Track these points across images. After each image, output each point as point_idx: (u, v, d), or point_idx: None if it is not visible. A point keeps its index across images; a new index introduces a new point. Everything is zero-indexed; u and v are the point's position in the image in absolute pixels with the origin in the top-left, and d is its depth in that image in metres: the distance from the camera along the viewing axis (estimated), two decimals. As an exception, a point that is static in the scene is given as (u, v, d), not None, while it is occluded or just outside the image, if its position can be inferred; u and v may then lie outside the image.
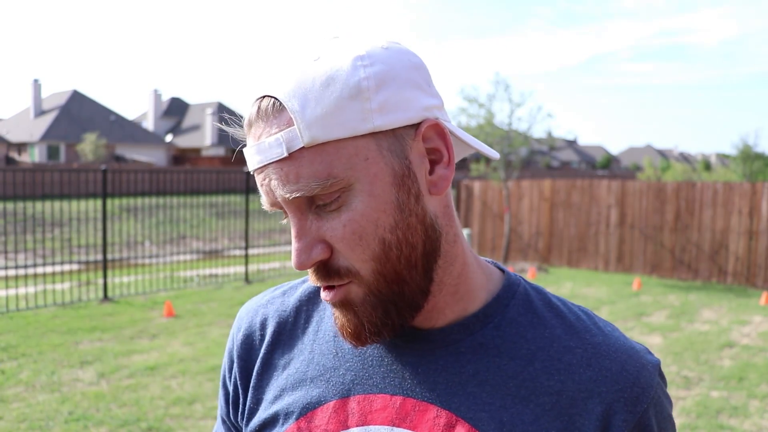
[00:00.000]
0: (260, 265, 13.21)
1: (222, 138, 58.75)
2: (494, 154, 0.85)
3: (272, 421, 0.86)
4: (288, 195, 0.72)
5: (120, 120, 55.45)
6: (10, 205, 13.88)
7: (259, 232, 15.93)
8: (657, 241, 13.20)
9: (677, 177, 34.19)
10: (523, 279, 0.88)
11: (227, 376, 0.95)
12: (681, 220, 12.91)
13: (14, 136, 51.75)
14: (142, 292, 10.34)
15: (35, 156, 50.45)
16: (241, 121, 0.79)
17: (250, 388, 0.90)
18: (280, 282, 11.68)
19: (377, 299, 0.76)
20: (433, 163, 0.77)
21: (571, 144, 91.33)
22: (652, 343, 7.85)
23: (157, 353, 7.03)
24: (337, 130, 0.71)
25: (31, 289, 9.88)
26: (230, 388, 0.94)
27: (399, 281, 0.76)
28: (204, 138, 59.29)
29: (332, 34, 0.79)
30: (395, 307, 0.76)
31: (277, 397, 0.87)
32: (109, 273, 10.49)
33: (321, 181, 0.71)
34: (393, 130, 0.74)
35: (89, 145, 45.87)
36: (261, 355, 0.91)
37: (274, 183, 0.73)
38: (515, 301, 0.84)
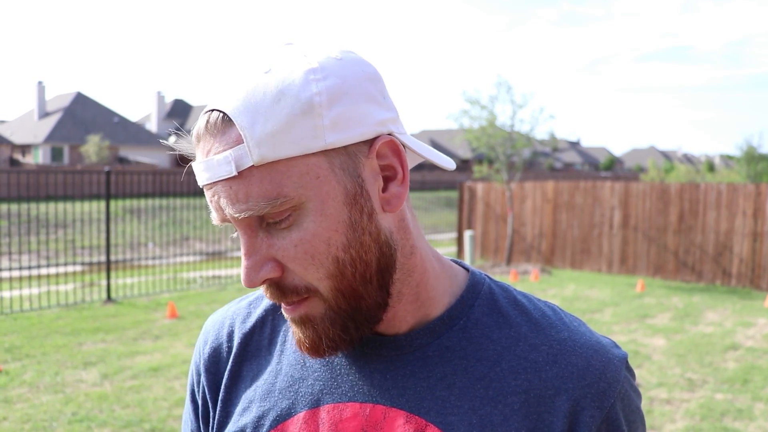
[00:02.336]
0: (263, 267, 13.21)
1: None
2: (449, 164, 0.84)
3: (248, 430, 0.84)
4: (237, 215, 0.70)
5: (123, 122, 55.55)
6: (14, 207, 13.91)
7: (262, 234, 15.92)
8: (660, 243, 13.18)
9: (681, 178, 34.14)
10: (488, 277, 0.87)
11: (195, 390, 0.93)
12: (685, 221, 12.88)
13: (18, 138, 51.87)
14: (146, 294, 10.35)
15: (39, 157, 50.56)
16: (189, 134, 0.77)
17: (219, 402, 0.88)
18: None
19: (336, 315, 0.75)
20: (387, 180, 0.75)
21: (574, 145, 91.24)
22: (656, 345, 7.83)
23: (160, 354, 7.03)
24: (288, 148, 0.69)
25: (34, 291, 9.89)
26: (199, 402, 0.92)
27: (356, 297, 0.75)
28: (207, 140, 59.34)
29: (285, 40, 0.77)
30: (353, 322, 0.76)
31: (245, 409, 0.85)
32: (113, 274, 10.50)
33: (270, 200, 0.69)
34: (345, 147, 0.72)
35: (93, 147, 45.95)
36: (229, 367, 0.89)
37: (222, 201, 0.71)
38: (480, 302, 0.83)
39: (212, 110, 0.73)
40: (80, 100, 55.18)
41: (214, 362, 0.91)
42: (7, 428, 5.04)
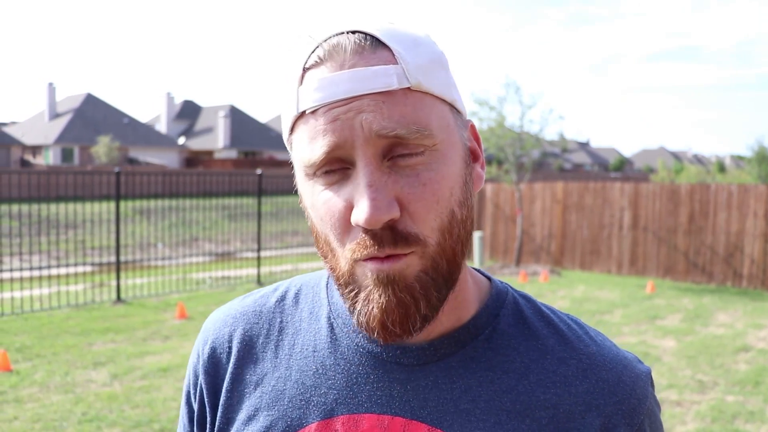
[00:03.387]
0: (272, 268, 13.24)
1: (235, 140, 58.99)
2: None
3: None
4: (385, 131, 0.65)
5: (133, 123, 55.79)
6: (24, 207, 13.99)
7: (271, 235, 15.97)
8: (670, 244, 13.11)
9: (691, 179, 33.98)
10: (510, 287, 0.83)
11: (192, 392, 0.86)
12: (695, 222, 12.81)
13: (29, 139, 52.19)
14: (155, 294, 10.38)
15: (50, 158, 50.85)
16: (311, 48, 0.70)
17: (220, 407, 0.81)
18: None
19: (435, 278, 0.69)
20: (473, 162, 0.76)
21: (584, 146, 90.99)
22: (666, 346, 7.79)
23: (169, 355, 7.05)
24: (435, 86, 0.68)
25: (45, 291, 9.95)
26: (195, 407, 0.85)
27: (454, 263, 0.70)
28: (216, 140, 59.51)
29: (307, 33, 0.73)
30: (446, 291, 0.70)
31: (251, 417, 0.79)
32: (122, 275, 10.54)
33: (420, 127, 0.66)
34: (460, 112, 0.73)
35: (103, 148, 46.17)
36: (230, 370, 0.82)
37: (367, 117, 0.65)
38: (505, 311, 0.79)
39: (350, 31, 0.68)
40: (90, 101, 55.46)
41: (214, 364, 0.84)
42: (18, 428, 5.07)
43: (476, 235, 14.15)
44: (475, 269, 0.84)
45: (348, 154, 0.66)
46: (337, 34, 0.68)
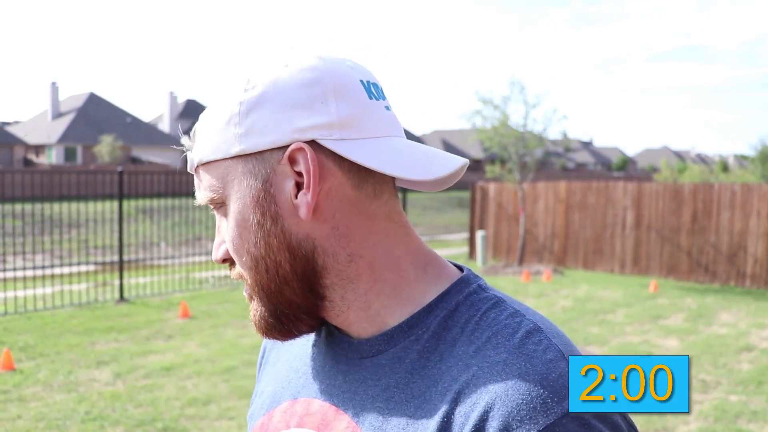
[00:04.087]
0: (275, 267, 13.22)
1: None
2: (420, 174, 0.78)
3: (253, 414, 0.94)
4: (197, 202, 0.85)
5: (136, 122, 55.85)
6: (28, 207, 14.02)
7: (273, 234, 15.96)
8: (674, 243, 13.09)
9: (694, 178, 33.91)
10: (479, 286, 0.80)
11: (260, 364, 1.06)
12: (698, 222, 12.79)
13: (32, 138, 52.27)
14: (158, 293, 10.39)
15: (53, 158, 50.93)
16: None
17: (259, 379, 1.01)
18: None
19: (263, 302, 0.82)
20: (299, 187, 0.76)
21: (587, 145, 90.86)
22: (669, 346, 7.79)
23: (172, 354, 7.06)
24: (212, 154, 0.80)
25: (48, 290, 9.96)
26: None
27: (273, 293, 0.81)
28: (219, 140, 59.52)
29: (291, 44, 0.87)
30: (277, 316, 0.82)
31: (261, 392, 0.95)
32: (126, 274, 10.56)
33: (206, 194, 0.82)
34: (260, 153, 0.78)
35: (106, 147, 46.22)
36: (267, 355, 1.01)
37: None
38: (445, 313, 0.77)
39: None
40: (93, 100, 55.53)
41: (262, 351, 1.03)
42: (22, 426, 5.08)
43: (479, 235, 14.15)
44: (456, 264, 0.84)
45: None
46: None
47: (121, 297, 9.88)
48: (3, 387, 5.92)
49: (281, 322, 0.82)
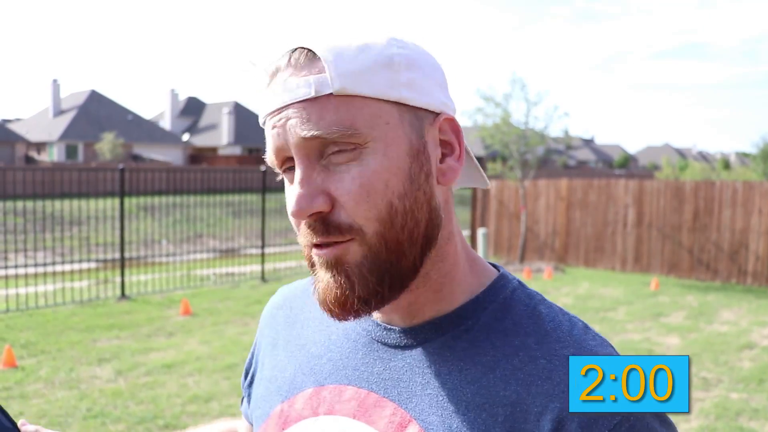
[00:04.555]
0: (276, 264, 13.25)
1: (239, 137, 59.04)
2: (484, 184, 0.89)
3: (263, 397, 0.91)
4: (306, 133, 0.72)
5: (137, 119, 55.84)
6: (29, 204, 14.03)
7: (275, 231, 15.99)
8: (675, 241, 13.09)
9: (696, 176, 33.87)
10: (520, 283, 0.84)
11: (253, 347, 1.03)
12: (700, 219, 12.78)
13: (33, 136, 52.27)
14: (159, 291, 10.40)
15: (54, 155, 50.93)
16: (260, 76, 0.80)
17: (256, 363, 0.98)
18: (295, 281, 11.71)
19: (374, 264, 0.74)
20: (444, 155, 0.79)
21: (588, 143, 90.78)
22: (670, 343, 7.78)
23: (174, 351, 7.07)
24: (366, 88, 0.73)
25: (50, 287, 9.97)
26: (249, 357, 1.02)
27: (399, 252, 0.74)
28: (221, 137, 59.55)
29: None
30: (389, 278, 0.75)
31: (272, 376, 0.92)
32: (127, 271, 10.57)
33: (342, 128, 0.72)
34: (415, 109, 0.76)
35: (107, 145, 46.21)
36: (271, 334, 0.97)
37: (292, 122, 0.73)
38: (495, 306, 0.81)
39: (296, 48, 0.76)
40: (95, 98, 55.51)
41: (263, 327, 1.00)
42: (23, 423, 5.08)
43: (480, 232, 14.13)
44: (491, 263, 0.88)
45: (289, 155, 0.76)
46: (289, 51, 0.76)
47: (123, 294, 9.89)
48: (5, 384, 5.93)
49: (384, 288, 0.75)
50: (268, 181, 12.39)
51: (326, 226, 0.74)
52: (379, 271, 0.74)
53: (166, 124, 62.10)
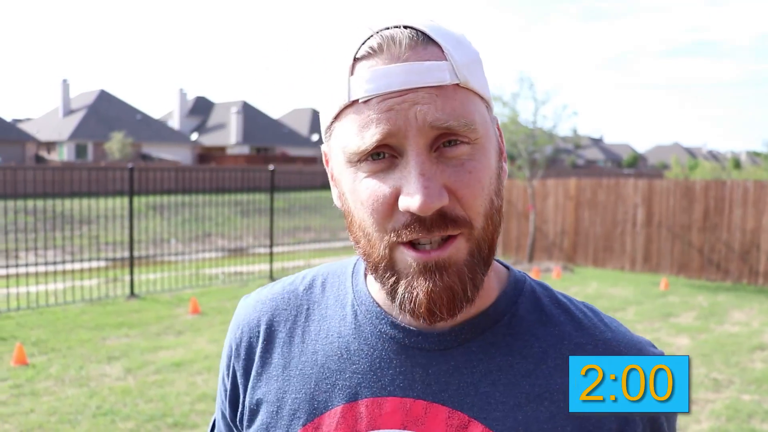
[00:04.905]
0: (285, 263, 13.26)
1: (247, 136, 59.15)
2: None
3: (275, 425, 0.82)
4: (440, 123, 0.69)
5: (146, 119, 56.03)
6: (39, 203, 14.10)
7: (283, 230, 16.00)
8: (685, 241, 13.02)
9: (706, 175, 33.68)
10: (528, 276, 0.87)
11: (225, 373, 0.90)
12: (710, 219, 12.71)
13: (43, 135, 52.54)
14: (168, 289, 10.43)
15: (64, 154, 51.17)
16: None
17: (249, 388, 0.85)
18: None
19: (477, 257, 0.73)
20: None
21: (597, 142, 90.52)
22: (680, 344, 7.74)
23: (182, 350, 7.08)
24: (476, 84, 0.73)
25: (60, 286, 10.01)
26: (228, 386, 0.89)
27: (492, 247, 0.75)
28: (229, 136, 59.69)
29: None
30: (482, 275, 0.74)
31: (279, 399, 0.82)
32: (136, 270, 10.60)
33: (467, 121, 0.70)
34: (491, 109, 0.77)
35: (116, 144, 46.41)
36: (259, 353, 0.86)
37: (422, 108, 0.68)
38: (523, 298, 0.82)
39: (400, 26, 0.72)
40: (104, 97, 55.75)
41: (245, 347, 0.87)
42: (34, 420, 5.11)
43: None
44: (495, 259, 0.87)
45: (399, 143, 0.70)
46: (391, 27, 0.71)
47: (132, 293, 9.92)
48: (16, 381, 5.96)
49: (479, 286, 0.74)
50: (276, 180, 12.41)
51: (444, 219, 0.70)
52: (481, 267, 0.74)
53: (174, 123, 62.29)
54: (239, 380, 0.87)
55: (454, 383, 0.77)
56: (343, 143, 0.73)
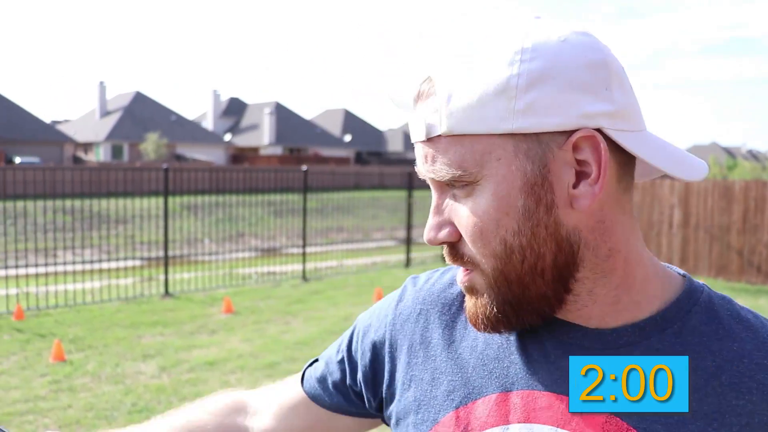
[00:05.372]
0: (317, 264, 13.31)
1: (280, 137, 59.58)
2: (690, 175, 0.76)
3: (427, 403, 0.84)
4: (427, 176, 0.76)
5: (180, 120, 56.77)
6: (77, 203, 14.34)
7: (316, 231, 16.07)
8: (723, 243, 12.75)
9: (745, 175, 33.04)
10: (707, 287, 0.81)
11: (372, 339, 0.93)
12: (750, 220, 12.43)
13: (81, 136, 53.56)
14: (202, 289, 10.53)
15: (100, 155, 52.10)
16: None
17: (403, 363, 0.89)
18: (337, 280, 11.75)
19: (498, 295, 0.75)
20: (580, 176, 0.72)
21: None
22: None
23: (216, 348, 7.14)
24: (476, 125, 0.70)
25: (96, 284, 10.17)
26: (366, 354, 0.93)
27: (520, 285, 0.74)
28: (262, 137, 60.19)
29: (536, 14, 0.77)
30: (513, 309, 0.75)
31: (435, 379, 0.85)
32: (170, 269, 10.71)
33: (451, 170, 0.72)
34: (537, 135, 0.70)
35: (151, 145, 47.12)
36: (420, 331, 0.89)
37: (419, 161, 0.77)
38: (698, 309, 0.77)
39: (427, 77, 0.76)
40: (139, 99, 56.63)
41: (405, 320, 0.91)
42: (72, 416, 5.20)
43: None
44: (670, 267, 0.84)
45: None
46: (426, 78, 0.75)
47: (166, 292, 10.04)
48: (54, 377, 6.07)
49: (517, 315, 0.76)
50: (309, 180, 12.46)
51: (455, 253, 0.77)
52: (503, 301, 0.75)
53: (208, 124, 63.01)
54: (386, 350, 0.91)
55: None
56: None
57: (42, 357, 6.69)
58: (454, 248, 0.76)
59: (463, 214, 0.73)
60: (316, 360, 1.04)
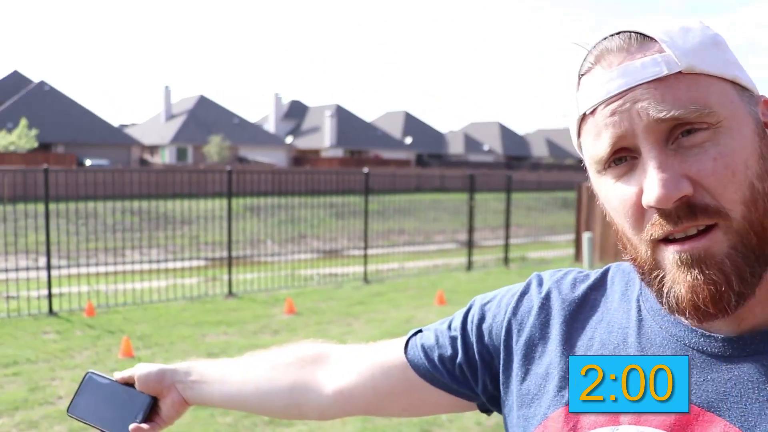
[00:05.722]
0: (379, 266, 13.27)
1: (341, 139, 60.03)
2: None
3: (539, 397, 0.83)
4: (663, 114, 0.68)
5: (243, 123, 57.80)
6: (144, 204, 14.71)
7: (377, 233, 16.05)
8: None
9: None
10: None
11: (501, 318, 0.92)
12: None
13: (147, 139, 55.10)
14: (265, 289, 10.62)
15: (166, 157, 53.48)
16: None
17: (521, 355, 0.88)
18: (398, 283, 11.68)
19: (745, 252, 0.68)
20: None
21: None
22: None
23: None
24: (709, 66, 0.70)
25: (162, 283, 10.38)
26: (492, 331, 0.92)
27: (764, 238, 0.68)
28: (323, 139, 60.73)
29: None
30: (759, 267, 0.68)
31: (549, 374, 0.84)
32: (234, 270, 10.85)
33: (699, 107, 0.68)
34: (745, 88, 0.72)
35: (214, 147, 48.09)
36: (540, 326, 0.88)
37: (643, 105, 0.69)
38: None
39: (617, 33, 0.74)
40: (203, 102, 57.92)
41: (527, 312, 0.90)
42: (138, 414, 5.26)
43: (585, 237, 13.64)
44: None
45: (632, 143, 0.70)
46: (607, 37, 0.74)
47: (230, 292, 10.16)
48: (122, 375, 6.17)
49: (756, 279, 0.68)
50: (371, 182, 12.44)
51: (692, 209, 0.68)
52: (750, 260, 0.68)
53: (270, 127, 63.95)
54: (502, 338, 0.91)
55: (735, 396, 0.69)
56: (588, 156, 0.76)
57: (111, 353, 6.83)
58: (690, 203, 0.67)
59: (705, 159, 0.68)
60: (420, 330, 1.03)
